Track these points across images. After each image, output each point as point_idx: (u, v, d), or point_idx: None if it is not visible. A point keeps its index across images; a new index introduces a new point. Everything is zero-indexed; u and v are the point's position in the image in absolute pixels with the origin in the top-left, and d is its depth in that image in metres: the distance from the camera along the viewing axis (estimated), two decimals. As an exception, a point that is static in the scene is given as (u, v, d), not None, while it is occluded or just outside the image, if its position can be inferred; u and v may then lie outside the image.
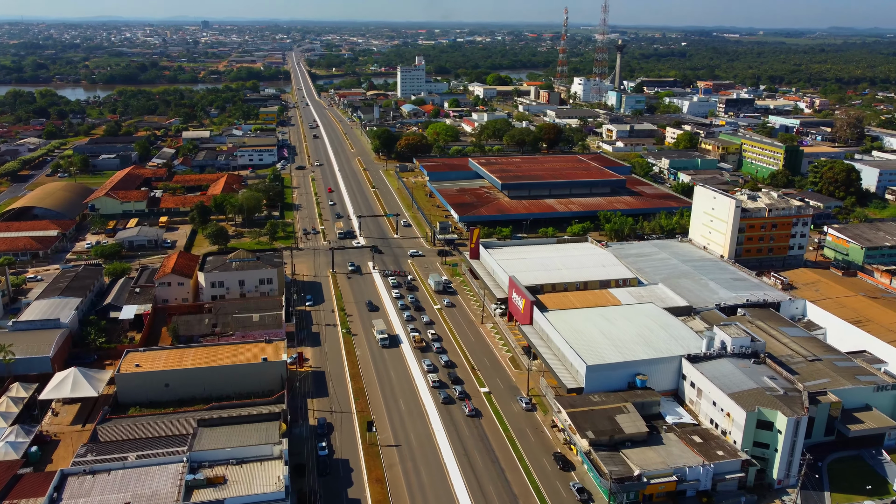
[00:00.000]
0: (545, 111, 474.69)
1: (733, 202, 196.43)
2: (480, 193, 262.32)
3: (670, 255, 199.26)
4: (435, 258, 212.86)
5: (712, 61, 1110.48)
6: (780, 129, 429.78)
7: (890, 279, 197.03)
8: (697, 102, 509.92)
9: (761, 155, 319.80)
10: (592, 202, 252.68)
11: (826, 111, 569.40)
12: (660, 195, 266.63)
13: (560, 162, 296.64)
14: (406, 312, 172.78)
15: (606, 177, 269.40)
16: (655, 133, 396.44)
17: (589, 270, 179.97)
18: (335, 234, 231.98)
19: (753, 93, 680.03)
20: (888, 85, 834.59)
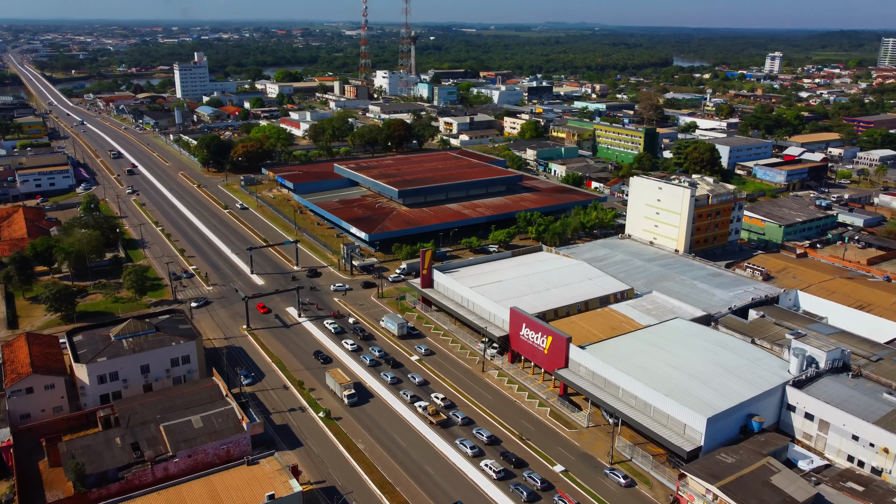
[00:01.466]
0: (365, 107, 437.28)
1: (687, 192, 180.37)
2: (370, 204, 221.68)
3: (626, 255, 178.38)
4: (365, 291, 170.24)
5: (469, 53, 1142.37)
6: (596, 113, 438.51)
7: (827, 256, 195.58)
8: (507, 92, 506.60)
9: (618, 140, 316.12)
10: (499, 203, 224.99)
11: (611, 94, 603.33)
12: (556, 189, 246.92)
13: (439, 161, 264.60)
14: (383, 372, 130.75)
15: (500, 174, 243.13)
16: (494, 124, 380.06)
17: (581, 287, 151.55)
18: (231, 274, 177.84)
19: (535, 80, 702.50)
20: (636, 71, 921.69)
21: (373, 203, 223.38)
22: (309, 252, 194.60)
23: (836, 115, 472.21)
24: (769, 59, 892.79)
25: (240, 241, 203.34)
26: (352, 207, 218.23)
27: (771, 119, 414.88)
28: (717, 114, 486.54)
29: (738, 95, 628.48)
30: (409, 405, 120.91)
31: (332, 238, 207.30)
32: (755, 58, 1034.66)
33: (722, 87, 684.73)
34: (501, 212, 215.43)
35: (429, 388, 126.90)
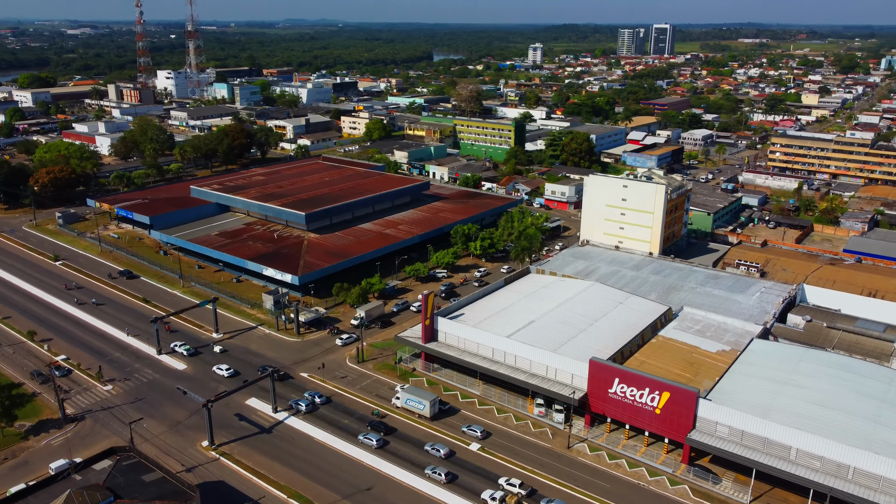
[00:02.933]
0: (161, 114, 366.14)
1: (661, 188, 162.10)
2: (265, 235, 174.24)
3: (607, 264, 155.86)
4: (332, 356, 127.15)
5: (226, 51, 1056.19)
6: (420, 107, 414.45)
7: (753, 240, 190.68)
8: (315, 90, 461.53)
9: (483, 134, 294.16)
10: (418, 217, 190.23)
11: (411, 89, 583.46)
12: (464, 195, 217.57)
13: (317, 173, 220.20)
14: (446, 477, 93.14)
15: (405, 183, 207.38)
16: (332, 125, 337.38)
17: (621, 315, 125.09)
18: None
19: (321, 76, 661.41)
20: (410, 64, 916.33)
21: (267, 233, 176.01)
22: (219, 309, 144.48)
23: (626, 100, 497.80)
24: (531, 51, 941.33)
25: (115, 309, 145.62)
26: (244, 241, 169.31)
27: (589, 106, 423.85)
28: (523, 102, 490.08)
29: (521, 85, 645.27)
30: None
31: (235, 285, 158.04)
32: (504, 50, 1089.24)
33: (501, 78, 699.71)
34: (430, 228, 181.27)
35: (522, 489, 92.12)
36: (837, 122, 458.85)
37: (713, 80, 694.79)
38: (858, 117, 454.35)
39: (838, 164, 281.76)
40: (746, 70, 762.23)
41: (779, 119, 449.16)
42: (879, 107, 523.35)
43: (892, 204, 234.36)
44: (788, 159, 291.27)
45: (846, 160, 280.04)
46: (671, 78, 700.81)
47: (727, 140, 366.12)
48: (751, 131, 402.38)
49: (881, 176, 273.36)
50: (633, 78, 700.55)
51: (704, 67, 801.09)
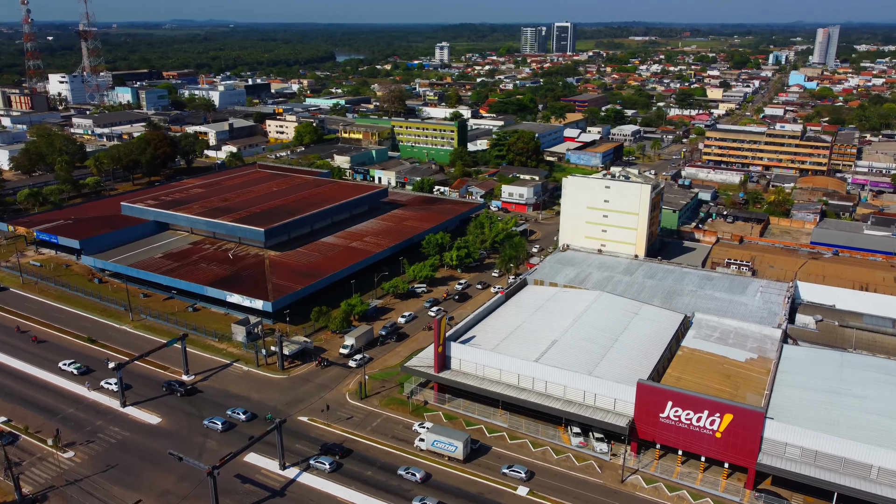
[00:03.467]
0: (57, 121, 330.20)
1: (646, 188, 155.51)
2: (219, 255, 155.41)
3: (598, 270, 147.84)
4: (330, 389, 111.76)
5: (112, 54, 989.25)
6: (345, 109, 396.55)
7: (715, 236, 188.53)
8: (227, 92, 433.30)
9: (424, 136, 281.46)
10: (382, 227, 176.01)
11: (325, 90, 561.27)
12: (422, 200, 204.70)
13: (262, 182, 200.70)
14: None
15: (363, 191, 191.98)
16: (258, 129, 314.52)
17: (642, 327, 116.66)
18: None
19: (227, 79, 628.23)
20: (316, 64, 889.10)
21: (220, 252, 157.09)
22: (190, 347, 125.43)
23: (545, 98, 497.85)
24: (438, 50, 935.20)
25: (54, 351, 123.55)
26: (195, 264, 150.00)
27: (514, 104, 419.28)
28: (444, 102, 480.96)
29: (434, 84, 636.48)
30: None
31: (192, 315, 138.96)
32: (408, 49, 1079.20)
33: (410, 77, 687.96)
34: (400, 239, 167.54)
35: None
36: (747, 116, 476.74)
37: (619, 76, 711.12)
38: (765, 110, 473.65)
39: (770, 157, 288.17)
40: (648, 66, 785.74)
41: (694, 113, 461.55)
42: (778, 99, 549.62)
43: (832, 194, 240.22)
44: (723, 153, 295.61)
45: (778, 152, 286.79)
46: (579, 75, 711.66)
47: (654, 135, 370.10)
48: (672, 125, 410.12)
49: (811, 167, 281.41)
50: (543, 76, 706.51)
51: (609, 64, 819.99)
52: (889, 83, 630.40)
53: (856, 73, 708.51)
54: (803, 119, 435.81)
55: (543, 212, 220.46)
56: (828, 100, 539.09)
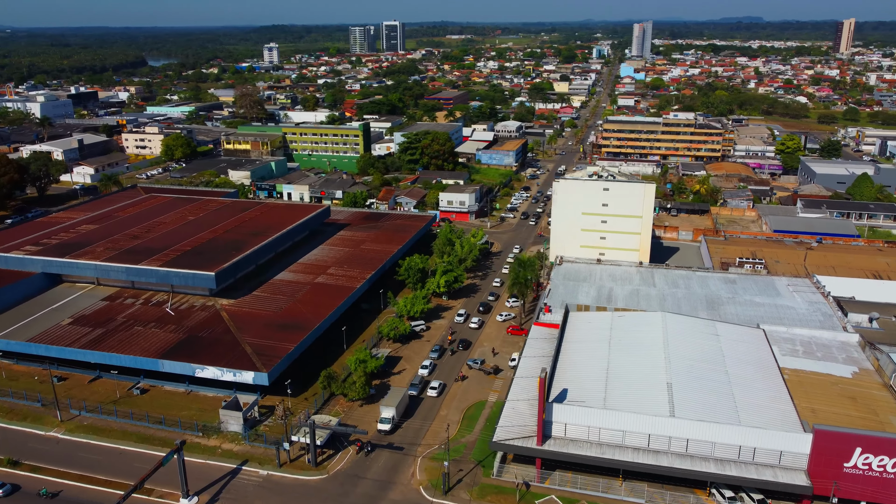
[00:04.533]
0: None
1: (650, 188, 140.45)
2: (151, 313, 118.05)
3: (616, 283, 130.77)
4: (397, 484, 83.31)
5: None
6: (205, 117, 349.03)
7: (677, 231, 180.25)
8: (49, 102, 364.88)
9: (324, 142, 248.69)
10: (341, 255, 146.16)
11: (160, 97, 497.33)
12: (363, 217, 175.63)
13: (168, 211, 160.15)
14: None
15: (304, 214, 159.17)
16: (113, 145, 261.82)
17: (739, 352, 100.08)
18: None
19: (32, 88, 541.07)
20: (130, 70, 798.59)
21: (151, 309, 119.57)
22: (141, 446, 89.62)
23: (405, 96, 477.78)
24: (267, 51, 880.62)
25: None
26: (126, 328, 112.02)
27: (386, 104, 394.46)
28: (300, 105, 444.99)
29: (274, 87, 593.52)
30: None
31: (143, 400, 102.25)
32: (220, 52, 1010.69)
33: (242, 81, 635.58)
34: (372, 268, 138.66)
35: None
36: (603, 106, 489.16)
37: (460, 73, 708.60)
38: (619, 101, 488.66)
39: (668, 145, 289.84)
40: (485, 63, 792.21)
41: (558, 107, 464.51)
42: (619, 90, 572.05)
43: (747, 179, 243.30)
44: (622, 144, 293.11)
45: (675, 140, 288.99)
46: (421, 73, 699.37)
47: (535, 130, 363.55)
48: (544, 120, 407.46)
49: (706, 153, 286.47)
50: (385, 75, 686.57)
51: (446, 62, 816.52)
52: (704, 73, 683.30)
53: (672, 64, 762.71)
54: (656, 108, 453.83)
55: (487, 219, 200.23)
56: (663, 89, 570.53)
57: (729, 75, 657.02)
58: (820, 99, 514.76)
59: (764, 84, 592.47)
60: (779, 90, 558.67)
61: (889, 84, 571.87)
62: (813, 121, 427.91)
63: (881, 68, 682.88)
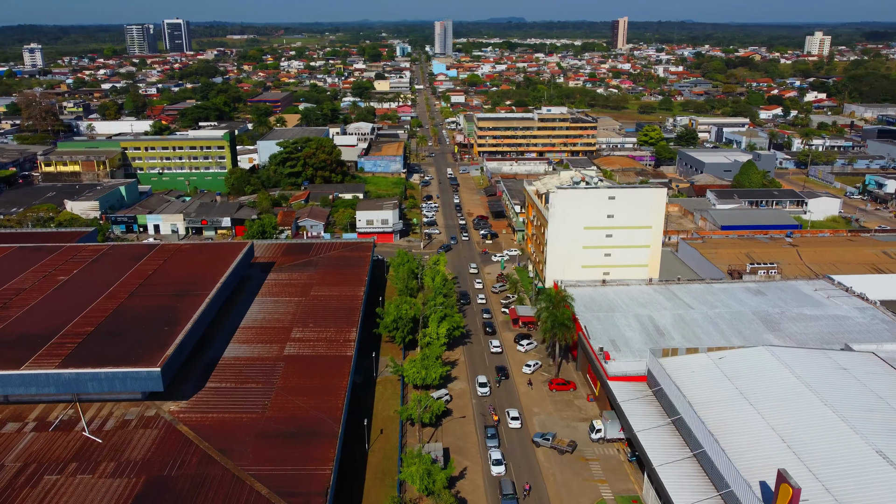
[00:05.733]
0: None
1: (661, 192, 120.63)
2: (55, 449, 74.20)
3: (651, 309, 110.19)
4: None
5: None
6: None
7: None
8: None
9: (178, 157, 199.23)
10: (303, 308, 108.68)
11: None
12: (285, 251, 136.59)
13: (27, 272, 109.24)
14: None
15: (228, 259, 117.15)
16: None
17: (881, 388, 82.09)
18: None
19: None
20: None
21: (58, 441, 75.64)
22: None
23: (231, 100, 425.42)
24: (28, 53, 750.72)
25: None
26: (29, 476, 68.38)
27: (213, 109, 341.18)
28: (97, 114, 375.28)
29: (50, 94, 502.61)
30: None
31: None
32: None
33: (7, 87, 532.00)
34: (349, 323, 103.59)
35: None
36: (435, 104, 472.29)
37: (266, 73, 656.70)
38: (451, 98, 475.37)
39: (545, 141, 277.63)
40: (289, 63, 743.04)
41: (395, 106, 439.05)
42: (439, 87, 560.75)
43: (643, 173, 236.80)
44: (498, 142, 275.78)
45: (551, 136, 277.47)
46: (222, 74, 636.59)
47: (388, 132, 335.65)
48: (388, 120, 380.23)
49: (582, 148, 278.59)
50: (181, 77, 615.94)
51: (245, 62, 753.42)
52: (511, 69, 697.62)
53: (477, 61, 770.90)
54: (490, 103, 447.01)
55: (411, 239, 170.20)
56: (482, 86, 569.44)
57: (534, 70, 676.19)
58: (628, 91, 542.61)
59: (570, 78, 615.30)
60: (586, 84, 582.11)
61: (678, 75, 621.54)
62: (633, 112, 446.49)
63: (661, 62, 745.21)
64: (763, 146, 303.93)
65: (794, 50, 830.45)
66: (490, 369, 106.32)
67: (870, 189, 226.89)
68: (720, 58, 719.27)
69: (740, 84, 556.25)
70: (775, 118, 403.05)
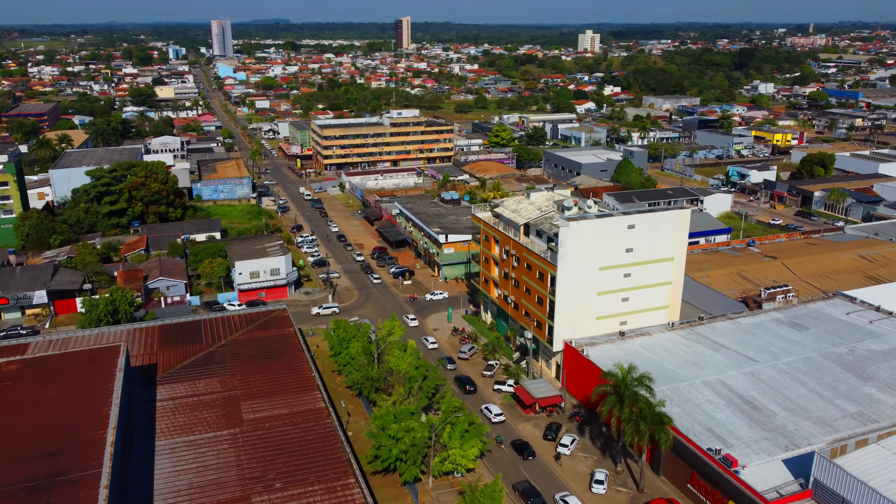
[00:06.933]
0: None
1: (686, 213, 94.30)
2: None
3: (697, 367, 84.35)
4: None
5: None
6: None
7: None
8: None
9: None
10: (244, 445, 65.57)
11: None
12: (162, 336, 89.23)
13: None
14: None
15: (98, 370, 68.53)
16: None
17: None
18: None
19: None
20: None
21: None
22: None
23: None
24: None
25: None
26: None
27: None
28: None
29: None
30: None
31: None
32: None
33: None
34: (342, 469, 63.84)
35: None
36: (240, 111, 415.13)
37: (11, 81, 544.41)
38: (255, 104, 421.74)
39: (399, 149, 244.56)
40: (39, 69, 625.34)
41: (195, 114, 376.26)
42: (232, 92, 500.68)
43: (522, 178, 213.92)
44: (347, 153, 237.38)
45: (405, 143, 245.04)
46: None
47: (200, 146, 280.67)
48: (193, 132, 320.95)
49: (439, 153, 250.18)
50: None
51: None
52: (304, 69, 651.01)
53: (262, 63, 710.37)
54: (302, 108, 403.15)
55: (308, 289, 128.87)
56: (282, 88, 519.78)
57: (329, 72, 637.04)
58: (435, 90, 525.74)
59: (371, 79, 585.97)
60: (389, 84, 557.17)
61: (477, 73, 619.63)
62: (450, 111, 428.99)
63: (451, 60, 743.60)
64: (601, 140, 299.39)
65: (569, 47, 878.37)
66: (547, 494, 72.37)
67: (733, 181, 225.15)
68: (508, 56, 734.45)
69: (537, 80, 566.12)
70: (588, 112, 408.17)
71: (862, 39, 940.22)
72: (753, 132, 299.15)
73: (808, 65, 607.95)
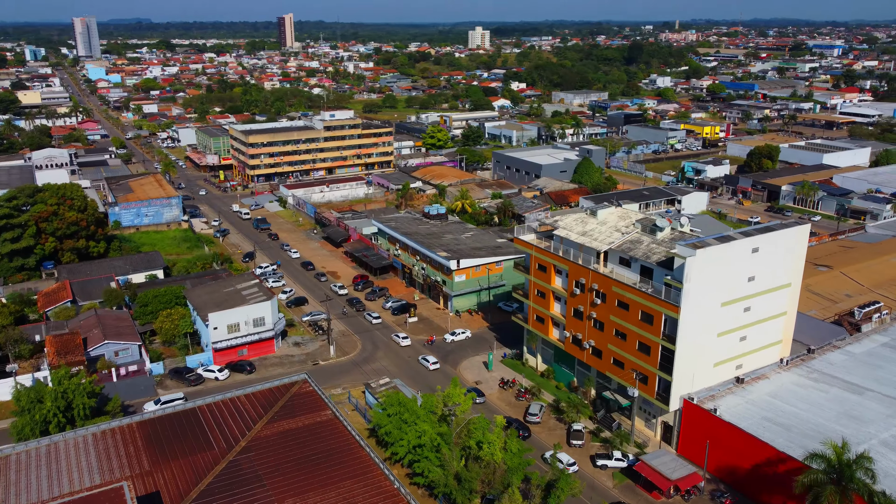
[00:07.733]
0: None
1: (803, 230, 77.37)
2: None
3: (859, 423, 68.67)
4: None
5: None
6: None
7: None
8: None
9: None
10: None
11: None
12: (142, 433, 61.36)
13: None
14: None
15: None
16: None
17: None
18: None
19: None
20: None
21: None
22: None
23: None
24: None
25: None
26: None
27: None
28: None
29: None
30: None
31: None
32: None
33: None
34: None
35: None
36: (127, 116, 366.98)
37: None
38: (144, 107, 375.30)
39: (335, 155, 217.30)
40: None
41: (77, 122, 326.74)
42: (110, 95, 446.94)
43: (482, 183, 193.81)
44: (277, 161, 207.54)
45: (341, 148, 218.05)
46: None
47: (92, 158, 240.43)
48: (77, 142, 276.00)
49: (377, 159, 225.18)
50: None
51: None
52: (185, 70, 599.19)
53: (136, 64, 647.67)
54: (197, 112, 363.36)
55: (299, 339, 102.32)
56: (165, 91, 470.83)
57: (215, 72, 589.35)
58: (336, 90, 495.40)
59: (262, 79, 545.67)
60: (284, 84, 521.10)
61: (374, 72, 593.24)
62: (359, 111, 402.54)
63: (343, 59, 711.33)
64: (534, 138, 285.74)
65: (458, 44, 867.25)
66: None
67: (689, 177, 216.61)
68: (402, 53, 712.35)
69: (437, 78, 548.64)
70: (504, 110, 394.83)
71: (726, 35, 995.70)
72: (682, 125, 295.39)
73: (692, 59, 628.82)
